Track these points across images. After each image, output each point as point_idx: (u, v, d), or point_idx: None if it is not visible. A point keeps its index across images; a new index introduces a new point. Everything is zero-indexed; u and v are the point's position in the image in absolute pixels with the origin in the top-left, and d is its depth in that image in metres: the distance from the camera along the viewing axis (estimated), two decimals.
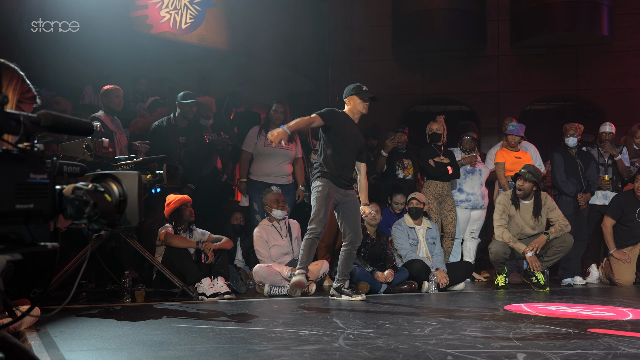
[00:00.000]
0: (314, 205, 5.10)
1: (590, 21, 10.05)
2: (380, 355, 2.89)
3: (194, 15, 8.12)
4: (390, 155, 7.24)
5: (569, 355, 2.86)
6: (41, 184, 1.19)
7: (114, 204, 1.37)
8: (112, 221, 1.37)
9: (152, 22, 7.83)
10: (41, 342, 3.19)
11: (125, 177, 1.41)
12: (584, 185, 6.89)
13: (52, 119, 1.28)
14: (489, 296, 5.73)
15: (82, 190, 1.28)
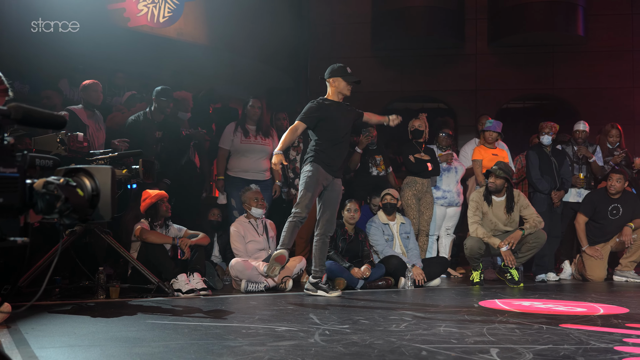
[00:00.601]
0: (301, 189, 5.11)
1: (566, 21, 10.17)
2: (355, 350, 2.90)
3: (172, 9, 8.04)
4: (362, 153, 7.23)
5: (541, 350, 2.89)
6: (11, 177, 1.17)
7: (86, 198, 1.35)
8: (84, 216, 1.35)
9: (129, 15, 7.74)
10: (12, 338, 3.14)
11: (98, 171, 1.39)
12: (558, 183, 6.98)
13: (23, 111, 1.26)
14: (464, 292, 5.78)
15: (53, 185, 1.25)
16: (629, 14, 10.61)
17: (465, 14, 10.77)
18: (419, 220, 7.00)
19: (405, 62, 10.99)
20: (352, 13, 11.09)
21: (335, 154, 5.20)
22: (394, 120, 5.58)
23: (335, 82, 5.30)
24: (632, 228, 6.74)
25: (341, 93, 5.32)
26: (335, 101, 5.31)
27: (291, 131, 5.14)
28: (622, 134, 7.63)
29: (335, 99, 5.33)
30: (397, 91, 11.12)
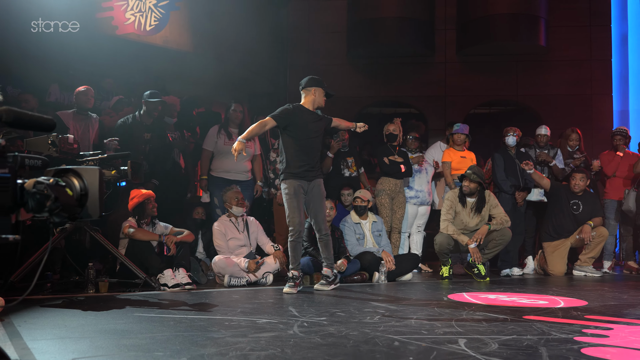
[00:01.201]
0: (286, 208, 5.12)
1: (529, 33, 10.29)
2: (332, 341, 2.91)
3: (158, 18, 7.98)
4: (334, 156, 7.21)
5: (506, 340, 2.92)
6: (2, 178, 1.16)
7: (75, 197, 1.34)
8: (73, 214, 1.34)
9: (117, 23, 7.66)
10: (5, 331, 3.10)
11: (86, 172, 1.38)
12: (522, 183, 7.06)
13: (14, 115, 1.25)
14: (434, 286, 5.82)
15: (43, 185, 1.24)
16: (587, 26, 10.78)
17: (435, 25, 10.84)
18: (392, 218, 7.04)
19: (378, 69, 11.03)
20: (328, 23, 11.10)
21: (305, 160, 5.14)
22: (360, 127, 5.57)
23: (316, 92, 5.27)
24: (591, 226, 6.84)
25: (318, 103, 5.30)
26: (309, 110, 5.27)
27: (260, 124, 5.06)
28: (582, 138, 7.74)
29: (310, 108, 5.28)
30: (371, 96, 11.15)
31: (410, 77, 10.97)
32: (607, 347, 2.84)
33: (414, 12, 10.36)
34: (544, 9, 10.31)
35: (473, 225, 6.39)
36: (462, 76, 10.93)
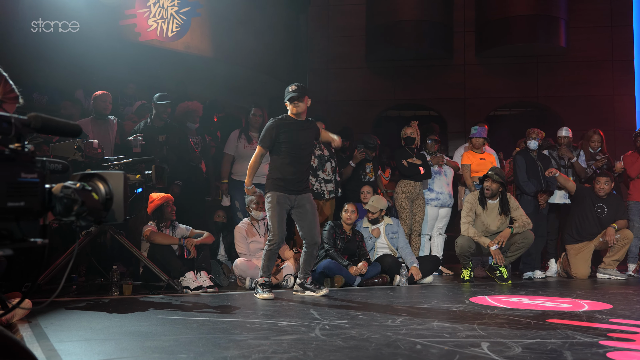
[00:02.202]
0: (269, 217, 4.97)
1: (549, 34, 10.20)
2: (354, 344, 2.89)
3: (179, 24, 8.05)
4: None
5: (529, 344, 2.88)
6: (32, 182, 1.18)
7: (100, 202, 1.36)
8: (99, 218, 1.35)
9: (140, 30, 7.74)
10: (32, 333, 3.13)
11: (111, 176, 1.40)
12: (544, 186, 6.98)
13: (41, 121, 1.27)
14: (455, 289, 5.77)
15: (70, 189, 1.26)
16: (609, 26, 10.64)
17: (454, 27, 10.80)
18: (412, 220, 7.01)
19: (397, 73, 11.01)
20: (347, 26, 11.11)
21: (293, 172, 4.97)
22: (337, 143, 5.30)
23: (308, 101, 5.11)
24: (615, 229, 6.73)
25: (297, 112, 5.07)
26: (296, 119, 5.09)
27: (255, 159, 5.01)
28: (604, 140, 7.62)
29: (302, 117, 5.13)
30: (390, 100, 11.13)
31: (429, 80, 10.93)
32: (634, 352, 2.79)
33: (433, 15, 10.33)
34: (564, 9, 10.21)
35: (494, 228, 6.32)
36: (481, 78, 10.86)
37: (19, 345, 1.57)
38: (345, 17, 11.16)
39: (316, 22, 11.24)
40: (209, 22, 8.41)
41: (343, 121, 9.30)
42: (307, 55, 11.19)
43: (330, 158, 6.82)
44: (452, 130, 10.85)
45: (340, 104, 10.78)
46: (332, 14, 11.23)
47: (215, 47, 8.51)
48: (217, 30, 8.42)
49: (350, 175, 7.12)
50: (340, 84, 10.99)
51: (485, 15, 10.60)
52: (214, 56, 8.51)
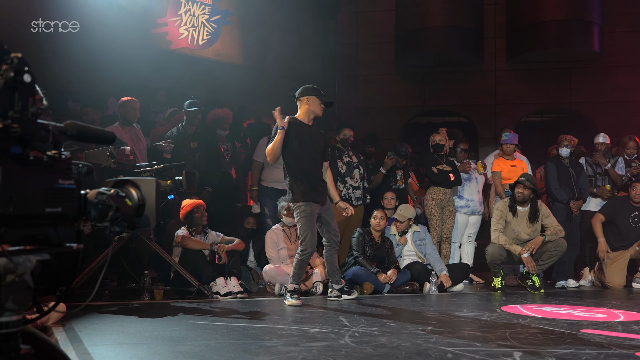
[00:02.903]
0: (300, 227, 4.92)
1: (582, 38, 10.02)
2: (384, 352, 2.87)
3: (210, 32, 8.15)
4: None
5: (563, 354, 2.83)
6: (68, 189, 1.20)
7: (133, 207, 1.38)
8: (132, 224, 1.37)
9: (171, 38, 7.86)
10: (66, 336, 3.19)
11: (143, 182, 1.42)
12: (576, 193, 6.85)
13: (78, 128, 1.30)
14: (486, 297, 5.69)
15: (104, 195, 1.28)
16: None
17: (484, 33, 10.69)
18: (442, 228, 6.95)
19: (427, 79, 10.94)
20: (376, 33, 11.09)
21: (312, 173, 4.97)
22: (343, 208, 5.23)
23: (309, 101, 5.08)
24: None
25: (314, 112, 5.08)
26: (304, 122, 5.08)
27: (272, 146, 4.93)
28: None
29: (306, 119, 5.10)
30: (420, 106, 11.07)
31: (459, 86, 10.84)
32: None
33: (463, 20, 10.25)
34: (597, 14, 10.03)
35: (525, 236, 6.21)
36: (512, 84, 10.73)
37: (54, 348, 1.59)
38: (374, 23, 11.15)
39: (345, 28, 11.25)
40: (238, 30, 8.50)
41: (371, 128, 9.28)
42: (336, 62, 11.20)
43: (358, 165, 6.81)
44: (483, 136, 10.73)
45: (369, 110, 10.76)
46: (361, 21, 11.23)
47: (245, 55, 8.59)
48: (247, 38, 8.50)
49: (381, 182, 7.12)
50: (369, 90, 10.97)
51: (516, 20, 10.47)
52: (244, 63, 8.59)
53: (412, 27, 10.42)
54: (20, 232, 1.14)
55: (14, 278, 1.10)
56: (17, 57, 1.11)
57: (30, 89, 1.13)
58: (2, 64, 1.11)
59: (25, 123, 1.12)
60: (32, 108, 1.14)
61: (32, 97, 1.14)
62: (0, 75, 1.09)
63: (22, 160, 1.14)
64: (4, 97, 1.10)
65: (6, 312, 1.12)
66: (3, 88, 1.09)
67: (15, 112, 1.11)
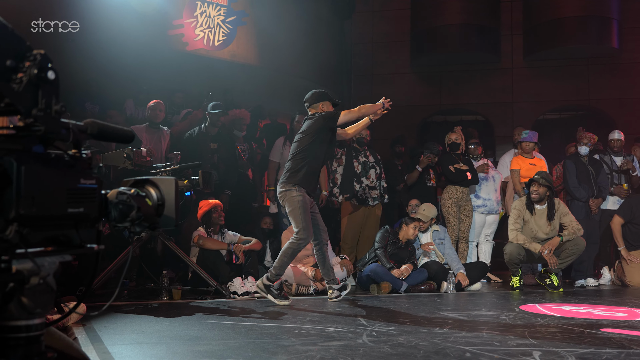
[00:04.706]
0: (297, 214, 4.75)
1: (600, 35, 9.93)
2: (401, 351, 2.87)
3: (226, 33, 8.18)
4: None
5: (583, 354, 2.80)
6: (90, 189, 1.18)
7: (153, 207, 1.35)
8: (153, 224, 1.35)
9: (187, 40, 7.91)
10: (87, 336, 3.23)
11: (162, 182, 1.40)
12: (596, 191, 6.78)
13: (98, 127, 1.28)
14: (504, 296, 5.66)
15: (125, 195, 1.27)
16: None
17: (501, 30, 10.63)
18: (459, 227, 6.92)
19: (443, 77, 10.91)
20: (391, 32, 11.08)
21: (315, 174, 4.93)
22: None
23: (324, 106, 5.06)
24: None
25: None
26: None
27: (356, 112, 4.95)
28: None
29: None
30: (436, 105, 11.04)
31: (475, 84, 10.79)
32: None
33: (479, 18, 10.20)
34: (616, 9, 9.93)
35: (543, 234, 6.16)
36: (530, 82, 10.66)
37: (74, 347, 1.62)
38: (390, 22, 11.13)
39: (360, 28, 11.25)
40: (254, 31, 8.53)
41: (388, 127, 9.26)
42: (352, 61, 11.20)
43: (375, 165, 6.81)
44: (500, 134, 10.67)
45: None
46: (377, 20, 11.22)
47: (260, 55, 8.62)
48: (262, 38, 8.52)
49: (416, 179, 7.16)
50: (385, 89, 10.88)
51: (533, 17, 10.40)
52: (260, 64, 8.61)
53: (428, 25, 10.40)
54: (42, 233, 1.11)
55: (38, 280, 1.08)
56: (41, 54, 1.08)
57: (54, 87, 1.11)
58: (24, 60, 1.08)
59: (49, 121, 1.10)
60: (56, 106, 1.12)
61: (56, 95, 1.12)
62: (24, 72, 1.07)
63: (44, 160, 1.11)
64: (28, 95, 1.07)
65: (30, 316, 1.10)
66: (26, 85, 1.06)
67: (39, 110, 1.08)
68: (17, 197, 1.03)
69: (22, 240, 1.05)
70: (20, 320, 1.09)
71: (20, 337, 1.09)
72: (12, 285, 1.05)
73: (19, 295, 1.07)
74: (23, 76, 1.06)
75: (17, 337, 1.09)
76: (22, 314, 1.08)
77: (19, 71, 1.06)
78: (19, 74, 1.06)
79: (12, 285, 1.05)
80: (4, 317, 1.07)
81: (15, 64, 1.06)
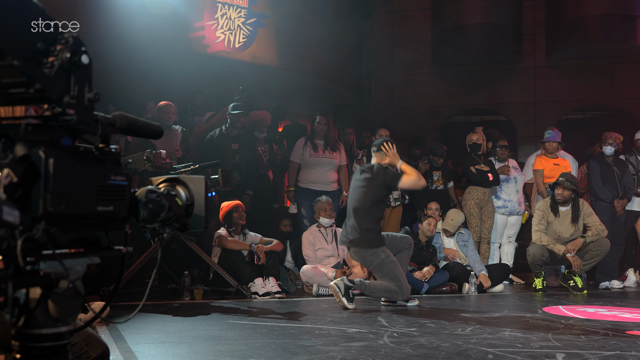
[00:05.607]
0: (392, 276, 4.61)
1: (625, 33, 9.79)
2: (423, 352, 2.87)
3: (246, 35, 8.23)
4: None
5: (608, 356, 2.78)
6: (120, 185, 1.09)
7: (182, 208, 1.27)
8: (184, 225, 1.26)
9: (208, 42, 7.97)
10: (110, 335, 3.28)
11: (191, 181, 1.31)
12: (620, 192, 6.70)
13: (127, 120, 1.19)
14: (527, 298, 5.62)
15: (156, 194, 1.19)
16: None
17: (523, 29, 10.54)
18: (481, 228, 6.88)
19: (464, 78, 10.85)
20: (412, 32, 11.05)
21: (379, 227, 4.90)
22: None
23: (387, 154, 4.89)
24: None
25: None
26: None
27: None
28: None
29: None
30: (457, 105, 10.98)
31: (497, 84, 10.72)
32: None
33: (500, 17, 10.13)
34: None
35: (567, 236, 6.10)
36: (552, 81, 10.56)
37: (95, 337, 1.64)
38: (410, 22, 11.11)
39: (381, 28, 11.24)
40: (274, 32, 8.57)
41: (408, 128, 9.26)
42: (372, 62, 11.19)
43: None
44: (522, 135, 10.59)
45: (406, 110, 10.72)
46: (397, 20, 11.20)
47: (280, 57, 8.66)
48: (283, 40, 8.56)
49: None
50: (406, 90, 10.93)
51: (556, 16, 10.30)
52: (280, 65, 8.65)
53: (449, 25, 10.35)
54: (70, 233, 1.03)
55: (67, 285, 1.00)
56: (73, 37, 0.99)
57: (87, 72, 1.02)
58: (56, 43, 0.99)
59: (81, 111, 1.01)
60: (89, 94, 1.02)
61: (89, 82, 1.03)
62: (55, 56, 0.97)
63: (73, 153, 1.02)
64: (59, 81, 0.98)
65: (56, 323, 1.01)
66: (58, 71, 0.97)
67: (72, 97, 0.99)
68: (45, 193, 0.95)
69: (49, 241, 0.97)
70: (46, 328, 1.01)
71: (45, 346, 1.01)
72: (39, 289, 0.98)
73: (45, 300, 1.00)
74: (54, 60, 0.97)
75: (42, 347, 1.01)
76: (48, 321, 1.01)
77: (50, 55, 0.98)
78: (50, 57, 0.98)
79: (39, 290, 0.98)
80: (28, 324, 0.99)
81: (46, 47, 0.98)
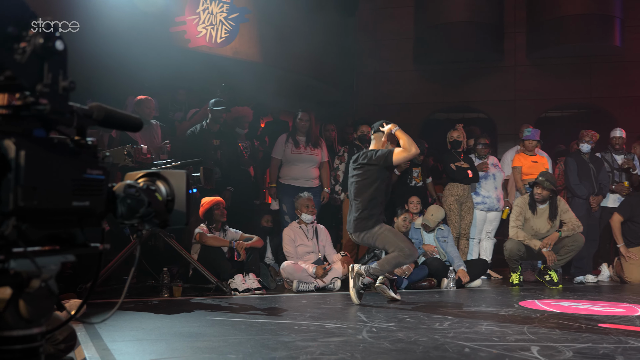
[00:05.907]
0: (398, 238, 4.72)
1: (603, 33, 9.92)
2: (401, 347, 2.91)
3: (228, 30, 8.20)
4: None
5: (580, 349, 2.84)
6: (97, 180, 1.04)
7: (162, 203, 1.22)
8: (164, 221, 1.20)
9: (189, 37, 7.92)
10: (86, 332, 3.26)
11: (172, 176, 1.26)
12: (596, 189, 6.82)
13: (105, 112, 1.13)
14: (504, 293, 5.70)
15: (134, 188, 1.13)
16: None
17: (505, 28, 10.64)
18: (460, 224, 6.96)
19: (446, 75, 10.91)
20: (395, 29, 11.09)
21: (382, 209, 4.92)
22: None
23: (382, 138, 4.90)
24: None
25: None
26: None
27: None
28: None
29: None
30: (439, 102, 11.05)
31: (479, 81, 10.81)
32: None
33: (483, 16, 10.21)
34: (619, 8, 9.93)
35: (544, 232, 6.20)
36: (532, 80, 10.67)
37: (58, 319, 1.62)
38: (393, 20, 11.14)
39: (364, 25, 11.26)
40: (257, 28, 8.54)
41: None
42: (355, 59, 11.21)
43: None
44: (502, 132, 10.69)
45: (389, 107, 10.76)
46: (380, 17, 11.23)
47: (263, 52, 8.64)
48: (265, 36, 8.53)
49: (396, 181, 7.12)
50: (388, 87, 10.96)
51: (537, 15, 10.40)
52: (262, 61, 8.63)
53: (432, 22, 10.40)
54: (44, 230, 0.97)
55: (39, 284, 0.95)
56: (47, 22, 0.96)
57: (62, 59, 0.96)
58: (28, 28, 0.94)
59: (56, 100, 0.95)
60: (64, 82, 0.97)
61: (64, 70, 0.97)
62: (27, 42, 0.92)
63: (46, 145, 0.96)
64: (32, 69, 0.92)
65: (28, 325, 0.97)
66: (30, 57, 0.92)
67: (45, 85, 0.93)
68: (16, 187, 0.90)
69: (20, 237, 0.93)
70: (17, 330, 0.96)
71: (15, 349, 0.96)
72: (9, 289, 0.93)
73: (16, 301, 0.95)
74: (27, 46, 0.92)
75: (13, 350, 0.96)
76: (20, 322, 0.96)
77: (22, 40, 0.93)
78: (22, 43, 0.93)
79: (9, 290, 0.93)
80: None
81: (17, 32, 0.93)
